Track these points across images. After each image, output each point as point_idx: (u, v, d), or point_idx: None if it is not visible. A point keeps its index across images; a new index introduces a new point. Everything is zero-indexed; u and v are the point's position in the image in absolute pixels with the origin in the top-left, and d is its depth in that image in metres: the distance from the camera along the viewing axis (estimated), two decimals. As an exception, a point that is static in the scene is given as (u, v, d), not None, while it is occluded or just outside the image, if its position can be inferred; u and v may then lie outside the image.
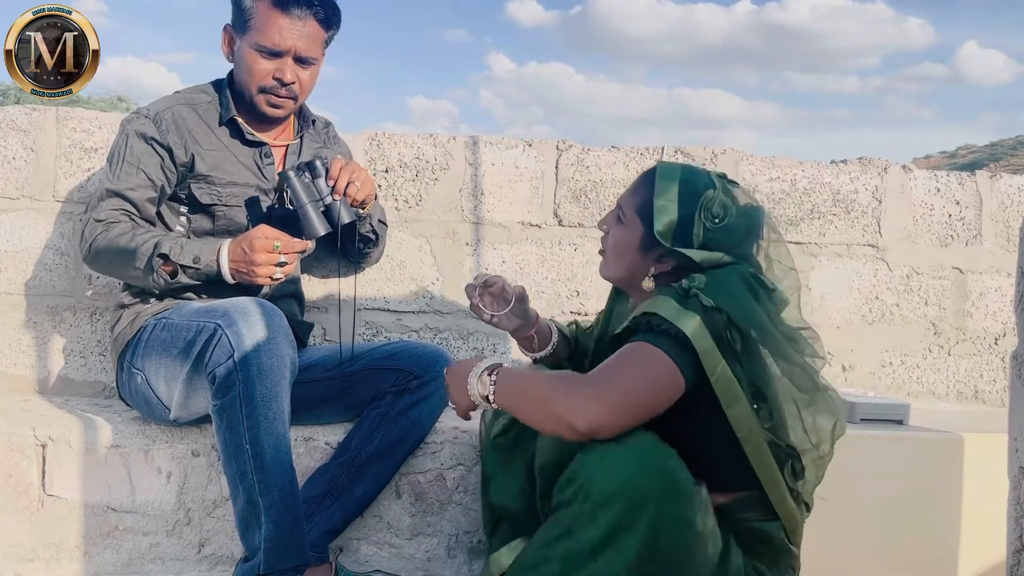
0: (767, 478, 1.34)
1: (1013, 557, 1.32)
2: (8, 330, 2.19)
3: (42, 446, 1.77)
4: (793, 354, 1.39)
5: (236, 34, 1.79)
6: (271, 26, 1.74)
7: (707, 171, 1.48)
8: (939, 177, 2.50)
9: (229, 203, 1.82)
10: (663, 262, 1.43)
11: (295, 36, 1.75)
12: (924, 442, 1.95)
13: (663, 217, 1.40)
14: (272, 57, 1.76)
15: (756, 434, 1.31)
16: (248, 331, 1.53)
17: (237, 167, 1.83)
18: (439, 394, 1.76)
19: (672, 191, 1.42)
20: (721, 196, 1.41)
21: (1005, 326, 2.49)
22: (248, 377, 1.51)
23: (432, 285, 2.30)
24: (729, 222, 1.40)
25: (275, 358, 1.54)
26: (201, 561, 1.78)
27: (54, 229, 2.18)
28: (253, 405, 1.51)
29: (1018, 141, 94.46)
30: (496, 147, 2.32)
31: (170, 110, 1.80)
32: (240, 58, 1.79)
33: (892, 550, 1.92)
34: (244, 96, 1.82)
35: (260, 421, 1.52)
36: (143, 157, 1.76)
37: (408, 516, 1.83)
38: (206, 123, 1.82)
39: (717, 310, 1.29)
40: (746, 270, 1.39)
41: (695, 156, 2.37)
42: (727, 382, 1.28)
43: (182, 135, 1.78)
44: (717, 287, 1.33)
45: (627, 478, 1.18)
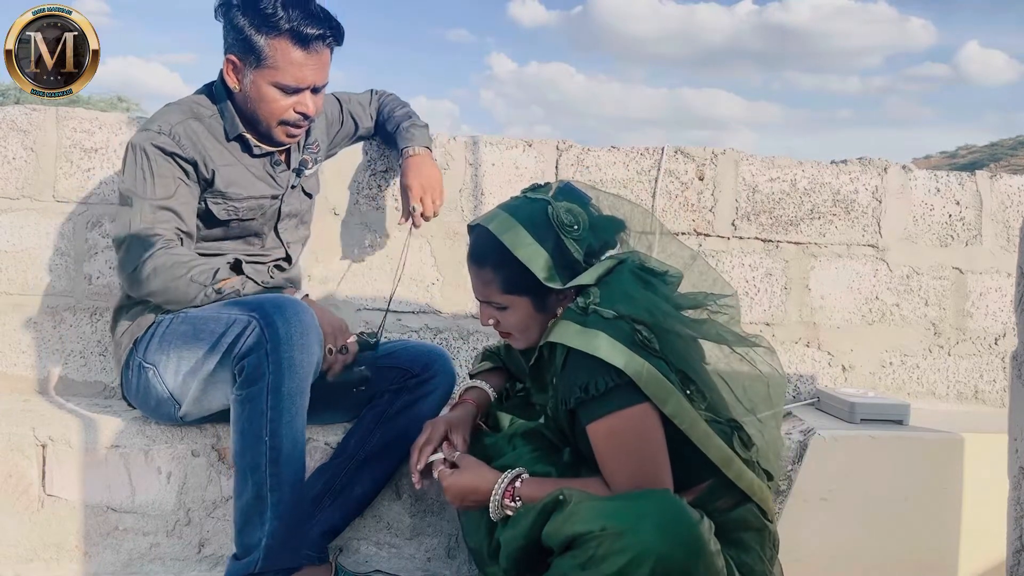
0: (720, 458, 1.35)
1: (1013, 557, 1.32)
2: (8, 330, 2.19)
3: (42, 446, 1.77)
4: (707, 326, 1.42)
5: (247, 67, 1.74)
6: (291, 64, 1.71)
7: (525, 196, 1.45)
8: (939, 177, 2.50)
9: (245, 216, 1.82)
10: (563, 299, 1.41)
11: (314, 71, 1.73)
12: (924, 442, 1.95)
13: (537, 263, 1.37)
14: (293, 93, 1.74)
15: (696, 421, 1.33)
16: (283, 324, 1.54)
17: (251, 180, 1.82)
18: (437, 392, 1.76)
19: (523, 235, 1.38)
20: (560, 205, 1.39)
21: (1005, 326, 2.49)
22: (279, 369, 1.52)
23: (432, 285, 2.30)
24: (586, 222, 1.39)
25: (306, 353, 1.54)
26: (201, 561, 1.78)
27: (54, 229, 2.18)
28: (280, 398, 1.52)
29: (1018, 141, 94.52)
30: (496, 147, 2.32)
31: (182, 124, 1.76)
32: (255, 93, 1.74)
33: (892, 550, 1.92)
34: (257, 124, 1.79)
35: (283, 414, 1.53)
36: (173, 170, 1.72)
37: (408, 516, 1.83)
38: (215, 137, 1.80)
39: (620, 318, 1.31)
40: (632, 264, 1.40)
41: (694, 157, 2.37)
42: (656, 381, 1.29)
43: (199, 150, 1.75)
44: (612, 294, 1.34)
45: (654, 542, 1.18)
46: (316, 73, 1.74)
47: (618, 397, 1.29)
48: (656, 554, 1.16)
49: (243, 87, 1.75)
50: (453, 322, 2.30)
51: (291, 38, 1.69)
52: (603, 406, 1.30)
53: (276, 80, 1.71)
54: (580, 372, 1.31)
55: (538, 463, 1.45)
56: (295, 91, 1.73)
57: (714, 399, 1.40)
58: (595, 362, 1.29)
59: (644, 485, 1.28)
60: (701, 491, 1.36)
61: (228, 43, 1.75)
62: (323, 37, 1.72)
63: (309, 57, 1.71)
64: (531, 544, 1.30)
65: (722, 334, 1.44)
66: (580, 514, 1.23)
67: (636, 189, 2.35)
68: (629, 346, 1.29)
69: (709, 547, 1.21)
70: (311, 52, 1.71)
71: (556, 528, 1.25)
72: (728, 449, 1.36)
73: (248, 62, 1.72)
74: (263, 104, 1.75)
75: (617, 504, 1.23)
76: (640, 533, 1.17)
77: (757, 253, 2.39)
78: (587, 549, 1.20)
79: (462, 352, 2.29)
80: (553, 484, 1.34)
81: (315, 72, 1.73)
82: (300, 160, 1.90)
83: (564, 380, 1.35)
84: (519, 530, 1.31)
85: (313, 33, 1.70)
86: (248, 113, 1.78)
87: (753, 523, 1.38)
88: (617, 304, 1.33)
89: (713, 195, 2.37)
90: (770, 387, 1.45)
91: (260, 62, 1.71)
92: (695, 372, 1.38)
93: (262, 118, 1.77)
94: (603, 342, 1.29)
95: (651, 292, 1.38)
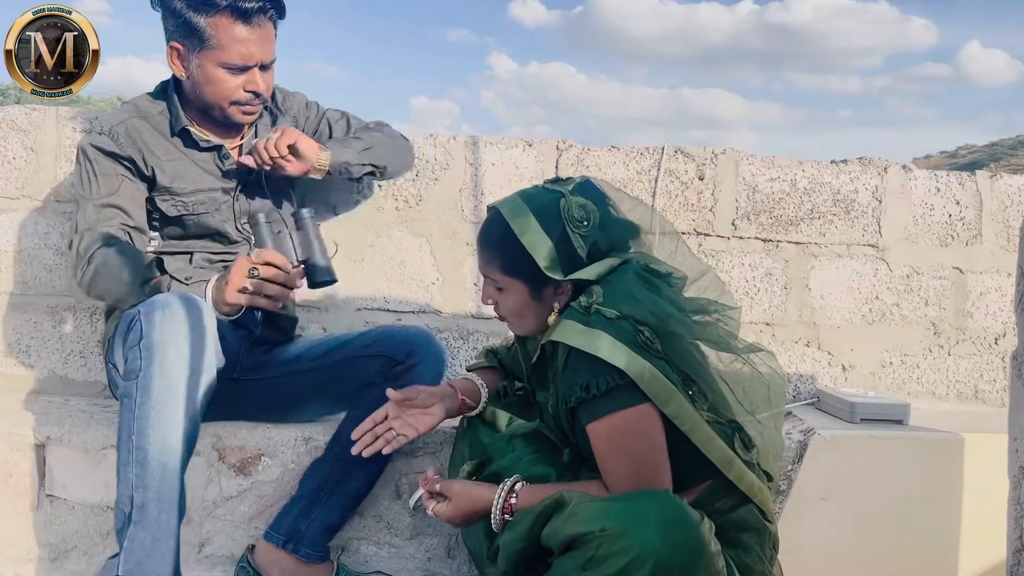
0: (721, 459, 1.35)
1: (1013, 557, 1.33)
2: (8, 330, 2.19)
3: (42, 446, 1.77)
4: (709, 328, 1.42)
5: (190, 52, 1.71)
6: (234, 41, 1.68)
7: (544, 187, 1.46)
8: (939, 177, 2.50)
9: (197, 211, 1.79)
10: (560, 293, 1.42)
11: (259, 45, 1.71)
12: (924, 442, 1.95)
13: (540, 252, 1.37)
14: (241, 72, 1.72)
15: (698, 423, 1.33)
16: (160, 320, 1.46)
17: (198, 173, 1.80)
18: (426, 378, 1.72)
19: (532, 223, 1.39)
20: (574, 199, 1.40)
21: (1005, 326, 2.49)
22: (149, 367, 1.45)
23: (432, 285, 2.30)
24: (597, 220, 1.40)
25: (184, 356, 1.47)
26: (201, 561, 1.78)
27: (54, 229, 2.18)
28: (148, 396, 1.44)
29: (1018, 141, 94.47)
30: (496, 147, 2.32)
31: (123, 124, 1.76)
32: (202, 76, 1.72)
33: (892, 550, 1.92)
34: (209, 109, 1.77)
35: (151, 415, 1.44)
36: (114, 167, 1.73)
37: (408, 516, 1.83)
38: (160, 133, 1.78)
39: (622, 318, 1.31)
40: (637, 264, 1.40)
41: (695, 156, 2.37)
42: (657, 382, 1.29)
43: (139, 148, 1.75)
44: (615, 294, 1.34)
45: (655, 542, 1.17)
46: (262, 48, 1.71)
47: (619, 397, 1.29)
48: (657, 555, 1.16)
49: (190, 73, 1.73)
50: (453, 322, 2.30)
51: (231, 13, 1.67)
52: (604, 406, 1.30)
53: (222, 60, 1.69)
54: (581, 371, 1.31)
55: (537, 464, 1.45)
56: (243, 69, 1.71)
57: (716, 400, 1.40)
58: (597, 362, 1.29)
59: (643, 486, 1.28)
60: (701, 492, 1.36)
61: (169, 31, 1.73)
62: (263, 9, 1.69)
63: (252, 31, 1.69)
64: (530, 546, 1.30)
65: (724, 338, 1.44)
66: (580, 515, 1.23)
67: (636, 189, 2.35)
68: (631, 346, 1.29)
69: (710, 548, 1.21)
70: (254, 26, 1.68)
71: (556, 529, 1.25)
72: (729, 451, 1.36)
73: (191, 46, 1.70)
74: (212, 87, 1.72)
75: (618, 505, 1.23)
76: (641, 534, 1.17)
77: (757, 253, 2.39)
78: (587, 550, 1.20)
79: (462, 352, 2.29)
80: (551, 489, 1.34)
81: (260, 47, 1.71)
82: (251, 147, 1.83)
83: (565, 379, 1.35)
84: (518, 532, 1.31)
85: (253, 6, 1.67)
86: (199, 100, 1.76)
87: (753, 524, 1.39)
88: (620, 304, 1.33)
89: (713, 195, 2.37)
90: (770, 388, 1.45)
91: (203, 43, 1.68)
92: (697, 373, 1.38)
93: (213, 102, 1.74)
94: (605, 342, 1.29)
95: (655, 293, 1.37)
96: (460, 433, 1.65)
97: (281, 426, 1.83)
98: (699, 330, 1.42)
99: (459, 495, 1.41)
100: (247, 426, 1.81)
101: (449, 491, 1.42)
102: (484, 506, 1.37)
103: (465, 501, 1.40)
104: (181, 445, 1.47)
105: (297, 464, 1.78)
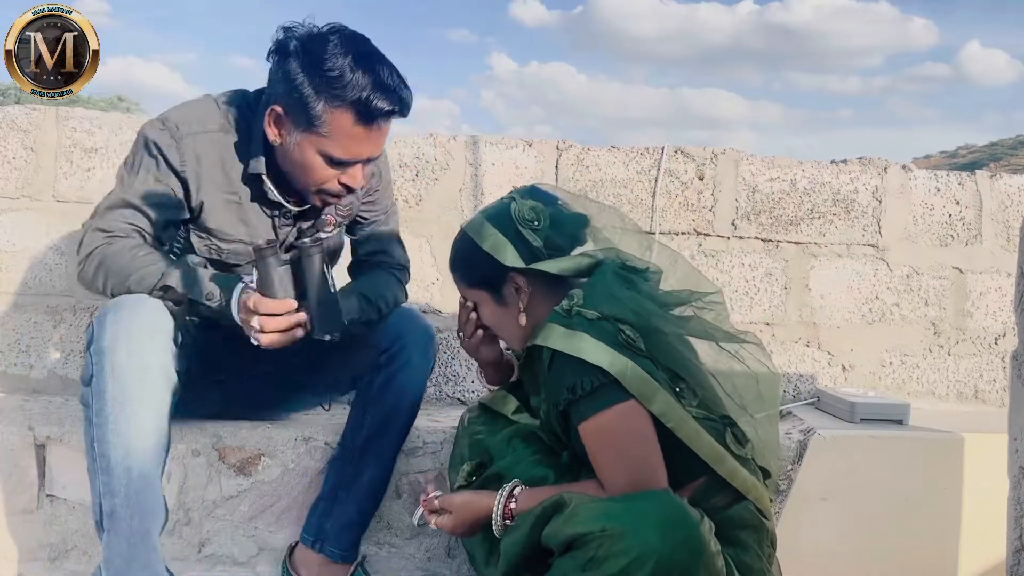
0: (712, 456, 1.35)
1: (1013, 557, 1.33)
2: (8, 330, 2.19)
3: (42, 446, 1.77)
4: (693, 322, 1.44)
5: (293, 125, 1.49)
6: (348, 139, 1.48)
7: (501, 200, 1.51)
8: (939, 177, 2.50)
9: (229, 260, 1.63)
10: (519, 290, 1.45)
11: (371, 147, 1.51)
12: (924, 442, 1.95)
13: (501, 251, 1.43)
14: (340, 166, 1.52)
15: (685, 419, 1.33)
16: (112, 323, 1.40)
17: (248, 226, 1.61)
18: (414, 359, 1.69)
19: (488, 229, 1.45)
20: (523, 203, 1.45)
21: (1005, 326, 2.49)
22: (102, 372, 1.40)
23: (432, 285, 2.30)
24: (547, 219, 1.44)
25: (135, 358, 1.39)
26: (201, 561, 1.78)
27: (54, 229, 2.18)
28: (103, 401, 1.40)
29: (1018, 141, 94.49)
30: (496, 147, 2.32)
31: (195, 139, 1.54)
32: (298, 155, 1.51)
33: (892, 550, 1.92)
34: (292, 183, 1.57)
35: (108, 420, 1.39)
36: (167, 177, 1.54)
37: (408, 516, 1.82)
38: (231, 162, 1.57)
39: (603, 319, 1.32)
40: (614, 263, 1.43)
41: (694, 156, 2.37)
42: (640, 380, 1.30)
43: (197, 174, 1.55)
44: (596, 295, 1.36)
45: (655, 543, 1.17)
46: (373, 148, 1.52)
47: (605, 395, 1.30)
48: (657, 555, 1.16)
49: (284, 143, 1.52)
50: (453, 322, 2.29)
51: (355, 112, 1.45)
52: (591, 405, 1.31)
53: (326, 150, 1.48)
54: (567, 374, 1.32)
55: (538, 465, 1.45)
56: (345, 163, 1.51)
57: (707, 396, 1.40)
58: (580, 363, 1.30)
59: (639, 482, 1.28)
60: (695, 489, 1.36)
61: (276, 91, 1.50)
62: (391, 114, 1.48)
63: (370, 134, 1.48)
64: (530, 547, 1.30)
65: (708, 331, 1.45)
66: (580, 515, 1.23)
67: (636, 189, 2.35)
68: (613, 346, 1.30)
69: (710, 548, 1.21)
70: (374, 128, 1.48)
71: (556, 529, 1.25)
72: (720, 447, 1.36)
73: (296, 120, 1.48)
74: (304, 170, 1.52)
75: (618, 505, 1.23)
76: (641, 534, 1.17)
77: (757, 253, 2.39)
78: (588, 550, 1.20)
79: (462, 351, 2.29)
80: (549, 491, 1.35)
81: (372, 148, 1.52)
82: (317, 220, 1.66)
83: (551, 382, 1.36)
84: (518, 536, 1.31)
85: (382, 108, 1.45)
86: (284, 168, 1.56)
87: (750, 521, 1.39)
88: (601, 305, 1.34)
89: (713, 195, 2.37)
90: (760, 385, 1.45)
91: (311, 126, 1.47)
92: (685, 369, 1.38)
93: (299, 181, 1.55)
94: (587, 343, 1.30)
95: (634, 291, 1.39)
96: (460, 432, 1.65)
97: (281, 426, 1.83)
98: (682, 324, 1.44)
99: (460, 507, 1.42)
100: (247, 426, 1.81)
101: (450, 505, 1.44)
102: (485, 514, 1.38)
103: (466, 512, 1.41)
104: (149, 448, 1.41)
105: (297, 464, 1.78)
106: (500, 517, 1.36)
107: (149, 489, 1.42)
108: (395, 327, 1.70)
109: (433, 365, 1.77)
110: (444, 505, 1.44)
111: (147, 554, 1.42)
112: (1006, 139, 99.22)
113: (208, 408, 1.79)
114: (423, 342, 1.73)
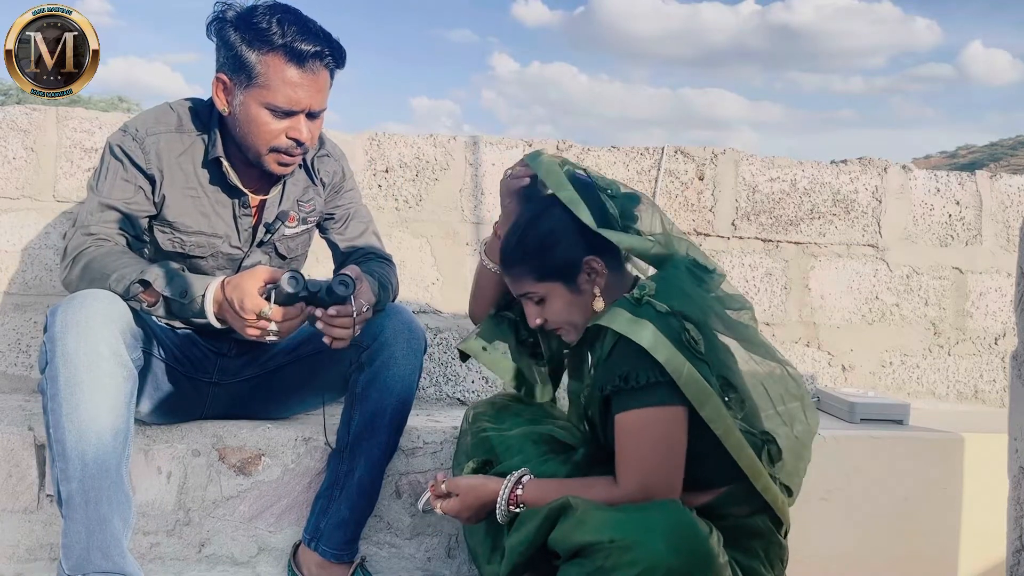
0: (751, 468, 1.34)
1: (1013, 557, 1.33)
2: (8, 330, 2.19)
3: (42, 446, 1.77)
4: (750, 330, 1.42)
5: (237, 87, 1.59)
6: (284, 83, 1.56)
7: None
8: (939, 177, 2.50)
9: (192, 252, 1.67)
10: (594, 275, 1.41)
11: (309, 92, 1.58)
12: (924, 442, 1.95)
13: (580, 208, 1.38)
14: (285, 116, 1.59)
15: (732, 429, 1.32)
16: (64, 311, 1.45)
17: (208, 216, 1.67)
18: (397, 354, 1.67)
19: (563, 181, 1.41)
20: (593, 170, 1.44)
21: (1005, 326, 2.49)
22: (54, 358, 1.43)
23: (432, 285, 2.30)
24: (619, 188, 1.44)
25: (84, 343, 1.42)
26: (201, 561, 1.78)
27: (54, 229, 2.18)
28: (56, 388, 1.43)
29: (1018, 141, 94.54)
30: (496, 147, 2.32)
31: (157, 139, 1.64)
32: (245, 115, 1.60)
33: (892, 550, 1.92)
34: (246, 151, 1.64)
35: (62, 406, 1.42)
36: (136, 177, 1.63)
37: (408, 516, 1.83)
38: (191, 158, 1.66)
39: (671, 314, 1.30)
40: (686, 259, 1.41)
41: (695, 156, 2.37)
42: (695, 383, 1.28)
43: (160, 171, 1.64)
44: (668, 289, 1.34)
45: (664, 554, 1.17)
46: (312, 95, 1.58)
47: (655, 394, 1.28)
48: (666, 567, 1.15)
49: (232, 109, 1.61)
50: (453, 322, 2.30)
51: (285, 54, 1.55)
52: (638, 399, 1.29)
53: (267, 101, 1.57)
54: (624, 361, 1.30)
55: (546, 464, 1.44)
56: (288, 114, 1.58)
57: (751, 408, 1.39)
58: (639, 354, 1.28)
59: (653, 486, 1.27)
60: (719, 495, 1.36)
61: (219, 61, 1.62)
62: (320, 55, 1.57)
63: (304, 76, 1.56)
64: (534, 549, 1.30)
65: (765, 342, 1.44)
66: (589, 523, 1.22)
67: (636, 189, 2.35)
68: (675, 343, 1.28)
69: (718, 560, 1.21)
70: (307, 71, 1.56)
71: (564, 534, 1.24)
72: (758, 461, 1.35)
73: (238, 81, 1.58)
74: (253, 127, 1.60)
75: (627, 515, 1.22)
76: (650, 546, 1.16)
77: (757, 253, 2.39)
78: (595, 559, 1.19)
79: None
80: (556, 485, 1.34)
81: (310, 94, 1.58)
82: (279, 212, 1.72)
83: (607, 366, 1.33)
84: (524, 536, 1.31)
85: (309, 49, 1.55)
86: (237, 138, 1.64)
87: (763, 532, 1.38)
88: (672, 299, 1.32)
89: (713, 195, 2.37)
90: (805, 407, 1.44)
91: (251, 80, 1.56)
92: (737, 379, 1.37)
93: (251, 144, 1.62)
94: (648, 333, 1.28)
95: (704, 291, 1.37)
96: (464, 429, 1.65)
97: (281, 426, 1.83)
98: (740, 329, 1.42)
99: (466, 490, 1.41)
100: (247, 426, 1.81)
101: (456, 487, 1.42)
102: (491, 499, 1.37)
103: (472, 496, 1.40)
104: (103, 433, 1.43)
105: (297, 464, 1.78)
106: (505, 503, 1.35)
107: (105, 475, 1.43)
108: (376, 323, 1.68)
109: (422, 361, 1.73)
110: (451, 488, 1.43)
111: (105, 541, 1.42)
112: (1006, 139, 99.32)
113: (207, 409, 1.79)
114: (406, 338, 1.70)
